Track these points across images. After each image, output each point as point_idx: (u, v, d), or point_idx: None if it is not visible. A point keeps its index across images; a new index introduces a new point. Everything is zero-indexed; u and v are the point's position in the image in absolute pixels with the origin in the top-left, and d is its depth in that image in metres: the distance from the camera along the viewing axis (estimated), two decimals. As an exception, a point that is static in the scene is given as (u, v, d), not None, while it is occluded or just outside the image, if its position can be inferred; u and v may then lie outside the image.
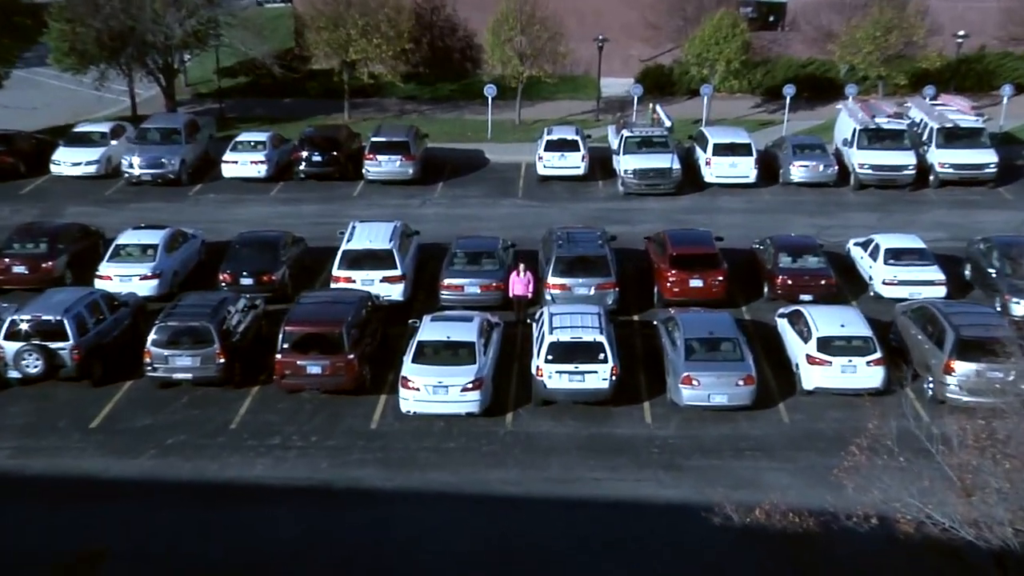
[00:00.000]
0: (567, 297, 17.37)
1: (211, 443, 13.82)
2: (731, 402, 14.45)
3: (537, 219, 22.38)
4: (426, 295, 18.56)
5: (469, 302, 17.67)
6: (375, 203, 23.44)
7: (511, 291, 17.62)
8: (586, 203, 23.56)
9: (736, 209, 22.76)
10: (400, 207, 23.06)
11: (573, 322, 15.14)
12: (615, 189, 24.12)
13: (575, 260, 17.70)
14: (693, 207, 22.99)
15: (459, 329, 15.11)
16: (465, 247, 18.61)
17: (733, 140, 23.90)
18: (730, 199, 23.37)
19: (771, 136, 26.40)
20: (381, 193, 24.09)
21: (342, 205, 23.16)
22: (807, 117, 28.91)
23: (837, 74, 29.06)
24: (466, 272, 17.96)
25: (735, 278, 18.61)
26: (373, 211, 22.59)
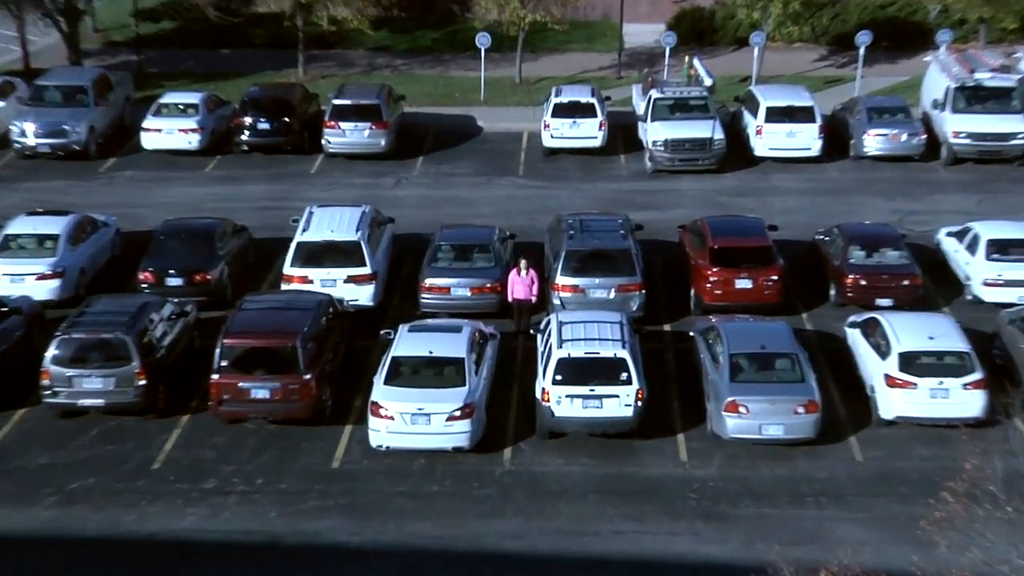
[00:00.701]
0: (580, 302, 17.45)
1: (127, 488, 13.59)
2: (789, 435, 14.35)
3: (542, 203, 22.47)
4: (403, 299, 18.67)
5: (457, 308, 17.71)
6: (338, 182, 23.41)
7: (510, 294, 17.74)
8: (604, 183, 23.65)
9: (794, 190, 22.80)
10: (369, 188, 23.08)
11: (588, 333, 15.17)
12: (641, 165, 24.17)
13: (590, 255, 17.81)
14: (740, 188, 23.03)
15: (444, 342, 15.14)
16: (452, 239, 18.69)
17: (791, 103, 23.76)
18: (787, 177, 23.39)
19: (840, 97, 25.98)
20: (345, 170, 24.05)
21: (296, 185, 23.22)
22: (886, 72, 28.34)
23: (925, 17, 27.93)
24: (453, 270, 18.04)
25: (793, 277, 18.67)
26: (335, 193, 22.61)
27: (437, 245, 18.58)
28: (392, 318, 17.83)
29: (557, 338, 15.12)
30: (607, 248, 17.97)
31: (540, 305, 17.96)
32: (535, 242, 20.24)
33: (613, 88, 27.54)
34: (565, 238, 18.24)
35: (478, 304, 17.88)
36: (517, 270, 17.70)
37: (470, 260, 18.31)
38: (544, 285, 18.24)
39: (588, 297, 17.54)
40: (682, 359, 16.72)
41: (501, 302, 17.93)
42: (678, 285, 18.94)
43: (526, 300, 17.68)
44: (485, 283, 17.91)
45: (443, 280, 17.95)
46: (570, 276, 17.69)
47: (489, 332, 16.48)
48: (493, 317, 17.75)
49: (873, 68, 27.93)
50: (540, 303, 17.95)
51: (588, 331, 15.25)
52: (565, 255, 17.83)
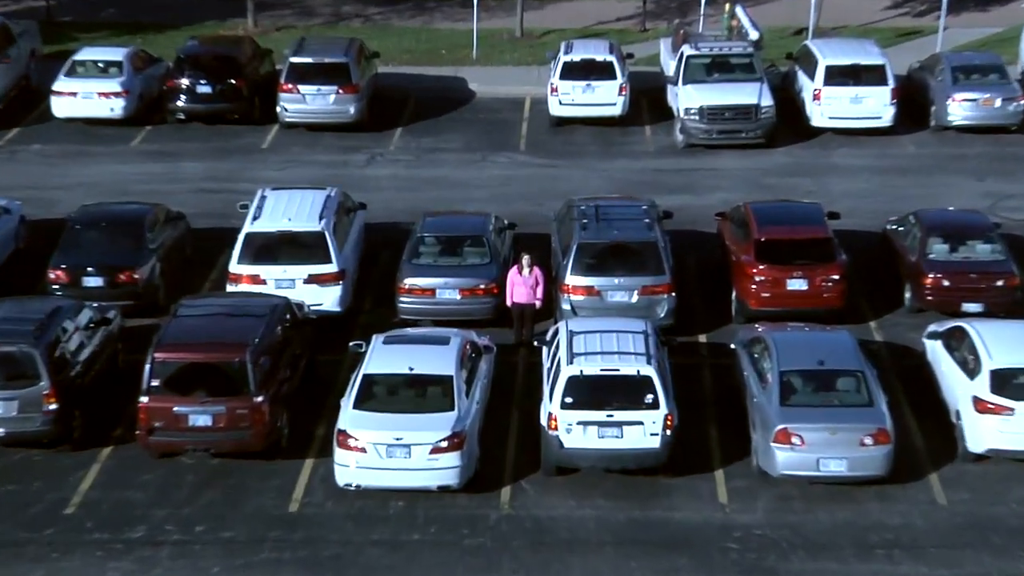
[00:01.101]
0: (596, 307, 17.56)
1: (34, 538, 13.32)
2: (853, 471, 14.17)
3: (549, 186, 22.64)
4: (377, 303, 18.88)
5: (444, 314, 17.92)
6: (297, 160, 23.61)
7: (509, 297, 17.87)
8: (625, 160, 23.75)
9: (861, 168, 22.78)
10: (336, 167, 23.27)
11: (606, 345, 15.27)
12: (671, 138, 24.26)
13: (608, 249, 17.96)
14: (793, 166, 23.17)
15: (428, 357, 15.26)
16: (437, 229, 18.90)
17: (856, 60, 23.74)
18: (851, 153, 23.37)
19: (918, 54, 25.93)
20: (306, 144, 24.20)
21: (245, 162, 23.35)
22: (976, 23, 28.18)
23: (1023, -47, 30.44)
24: (439, 268, 18.23)
25: (859, 277, 18.70)
26: (293, 173, 22.83)
27: (419, 237, 18.71)
28: (364, 327, 17.97)
29: (567, 352, 15.15)
30: (629, 240, 18.05)
31: (546, 311, 18.05)
32: (540, 233, 20.29)
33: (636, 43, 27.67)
34: (577, 228, 18.33)
35: (470, 309, 17.99)
36: (518, 268, 17.76)
37: (460, 255, 18.41)
38: (551, 286, 18.29)
39: (605, 301, 17.62)
40: (721, 377, 16.76)
41: (498, 307, 18.01)
42: (716, 286, 18.99)
43: (529, 305, 17.79)
44: (478, 284, 18.01)
45: (426, 280, 18.04)
46: (583, 275, 17.75)
47: (483, 344, 16.58)
48: (488, 325, 17.82)
49: (959, 17, 27.80)
50: (546, 308, 18.05)
51: (605, 343, 15.30)
52: (577, 249, 17.91)
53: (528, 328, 17.94)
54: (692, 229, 20.73)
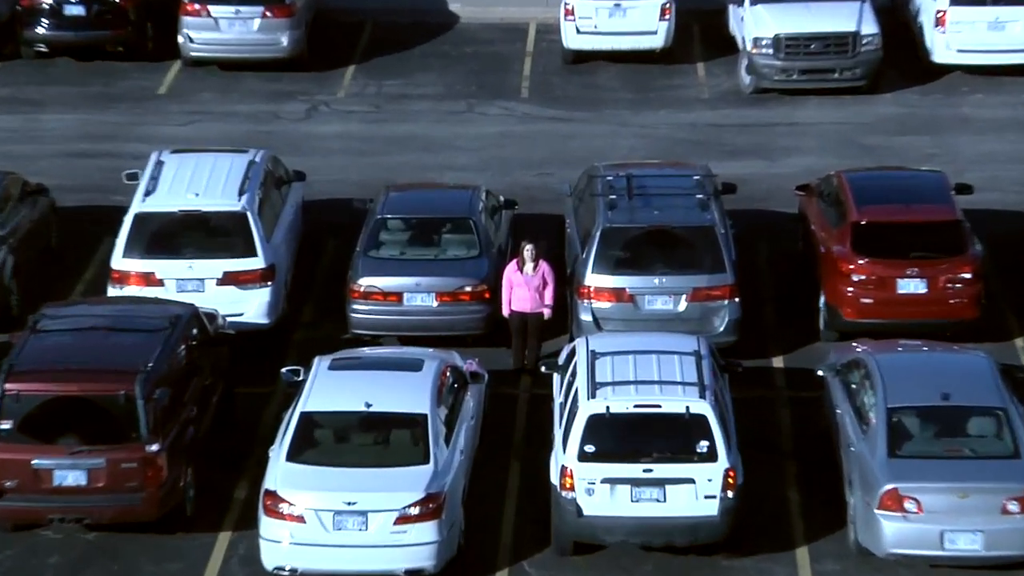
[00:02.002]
0: (628, 318, 17.91)
1: None
2: (993, 549, 13.95)
3: (563, 147, 23.00)
4: (320, 313, 19.26)
5: (414, 328, 18.30)
6: (206, 111, 23.89)
7: (506, 305, 18.08)
8: (670, 111, 24.04)
9: (1002, 123, 23.03)
10: (263, 120, 23.61)
11: (641, 372, 15.42)
12: (734, 80, 24.66)
13: (645, 237, 18.27)
14: (906, 119, 23.41)
15: (392, 388, 15.44)
16: (406, 209, 19.27)
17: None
18: (989, 101, 23.69)
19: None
20: (220, 88, 24.52)
21: (133, 114, 23.60)
22: None
23: None
24: (407, 263, 18.58)
25: (1001, 276, 18.89)
26: (203, 129, 23.05)
27: (380, 220, 18.96)
28: (302, 346, 18.18)
29: (587, 381, 15.23)
30: (675, 225, 18.24)
31: (557, 323, 18.27)
32: (549, 214, 20.48)
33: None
34: (601, 208, 18.54)
35: (451, 321, 18.22)
36: (518, 263, 17.92)
37: (437, 246, 18.70)
38: (564, 289, 18.54)
39: (641, 310, 17.88)
40: (805, 417, 16.92)
41: (491, 318, 18.27)
42: (797, 288, 19.22)
43: (534, 314, 17.93)
44: (462, 285, 18.24)
45: (390, 280, 18.25)
46: (610, 273, 17.98)
47: (470, 370, 16.73)
48: (478, 344, 18.04)
49: None
50: (557, 320, 18.26)
51: (641, 368, 15.42)
52: (602, 237, 18.14)
53: (533, 347, 18.03)
54: (763, 208, 20.82)
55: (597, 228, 18.23)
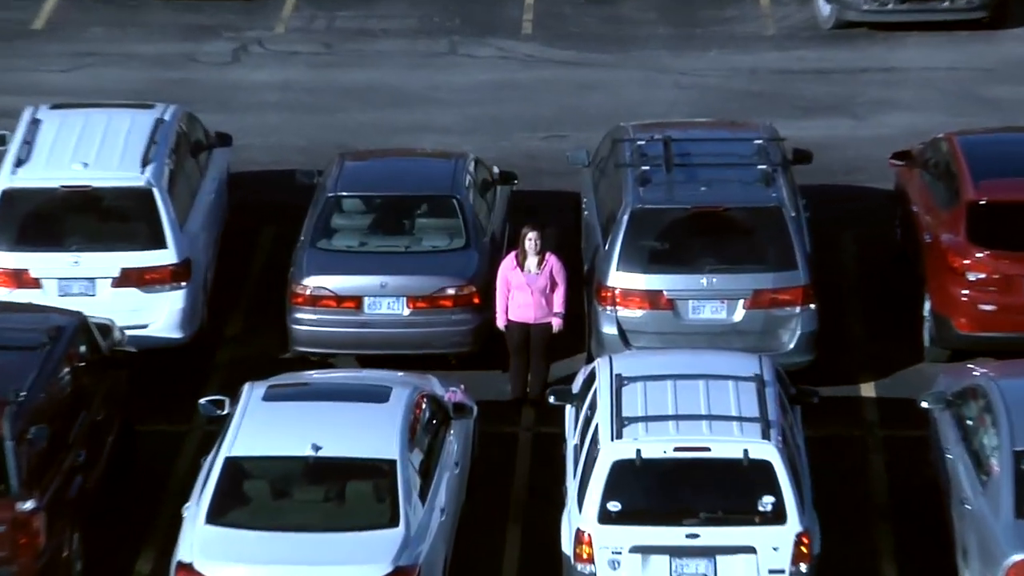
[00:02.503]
0: (666, 330, 18.34)
1: None
2: None
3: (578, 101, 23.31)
4: (252, 325, 19.61)
5: (378, 345, 18.76)
6: (98, 52, 24.30)
7: (502, 313, 18.42)
8: (722, 53, 24.58)
9: None
10: (172, 64, 24.07)
11: (684, 403, 15.54)
12: (808, 11, 25.18)
13: (688, 222, 18.65)
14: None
15: (349, 425, 15.62)
16: (367, 184, 19.74)
17: None
18: None
19: None
20: (116, 22, 25.00)
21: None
22: None
23: None
24: (369, 257, 19.01)
25: None
26: (92, 78, 23.54)
27: (332, 199, 19.34)
28: (228, 370, 18.51)
29: (611, 415, 15.30)
30: (728, 205, 18.58)
31: (571, 337, 18.57)
32: (560, 191, 20.82)
33: None
34: (630, 182, 18.88)
35: (428, 335, 18.63)
36: (517, 256, 18.21)
37: (408, 234, 19.15)
38: (581, 291, 18.92)
39: (683, 319, 18.28)
40: (902, 463, 17.04)
41: (482, 330, 18.62)
42: (894, 291, 19.55)
43: (539, 325, 18.21)
44: (443, 286, 18.62)
45: (345, 280, 18.65)
46: (642, 270, 18.30)
47: (453, 401, 16.82)
48: (464, 366, 18.42)
49: None
50: (571, 332, 18.53)
51: (683, 398, 15.54)
52: (631, 222, 18.45)
53: (538, 371, 18.29)
54: (848, 183, 21.04)
55: (625, 210, 18.35)
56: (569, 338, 18.55)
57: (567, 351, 18.67)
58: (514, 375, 18.37)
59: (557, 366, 18.44)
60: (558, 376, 18.13)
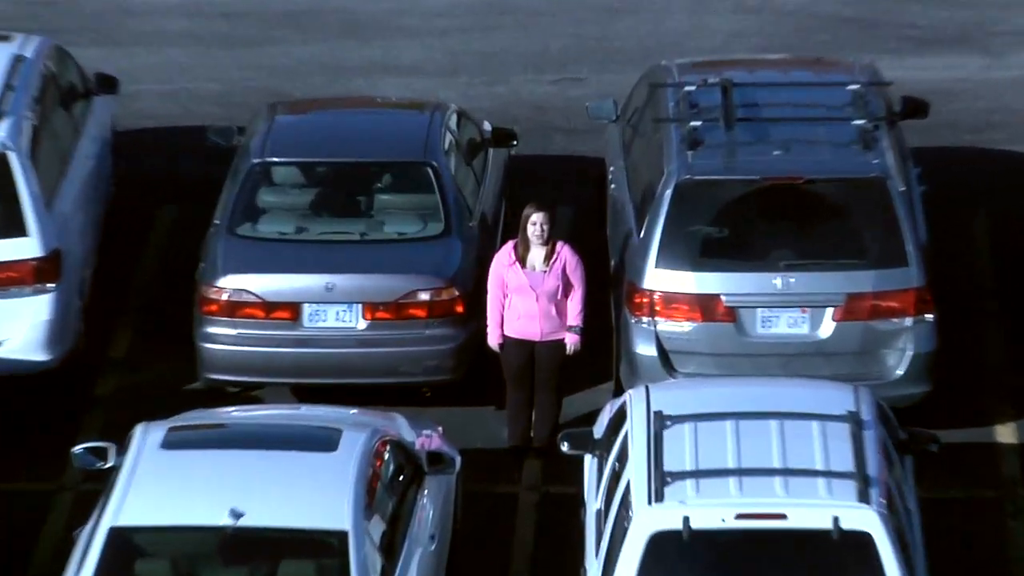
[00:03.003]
0: (722, 348, 18.64)
1: None
2: None
3: (599, 29, 24.25)
4: (147, 342, 19.95)
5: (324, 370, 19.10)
6: None
7: (494, 326, 18.66)
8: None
9: None
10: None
11: (750, 452, 15.37)
12: None
13: (756, 199, 18.89)
14: None
15: (282, 482, 15.57)
16: (305, 146, 20.28)
17: None
18: None
19: None
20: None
21: None
22: None
23: None
24: (308, 250, 19.45)
25: None
26: None
27: (259, 168, 19.70)
28: (113, 405, 18.75)
29: (647, 469, 15.12)
30: (811, 175, 18.66)
31: (589, 358, 18.78)
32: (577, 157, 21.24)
33: None
34: (675, 143, 19.05)
35: (392, 357, 18.87)
36: (516, 247, 18.36)
37: (364, 215, 19.58)
38: (608, 296, 19.21)
39: (749, 334, 18.53)
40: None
41: (466, 350, 18.91)
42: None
43: (549, 343, 18.38)
44: (412, 289, 18.86)
45: (276, 281, 18.92)
46: (690, 266, 18.46)
47: (428, 449, 16.72)
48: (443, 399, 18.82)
49: None
50: (591, 352, 18.73)
51: (749, 445, 15.33)
52: (676, 198, 18.53)
53: (546, 407, 18.41)
54: (980, 144, 21.56)
55: (668, 183, 18.42)
56: (589, 361, 18.66)
57: (586, 379, 18.90)
58: (513, 413, 18.36)
59: (572, 401, 18.57)
60: (574, 415, 18.30)
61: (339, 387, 18.44)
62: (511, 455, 18.40)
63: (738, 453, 15.27)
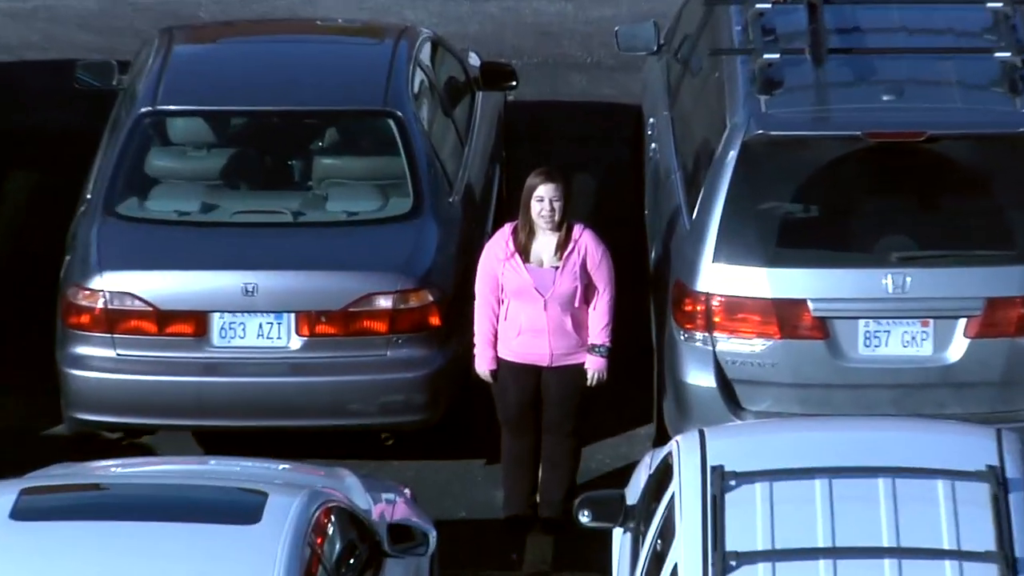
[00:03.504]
0: (809, 373, 18.80)
1: None
2: None
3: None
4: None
5: (240, 411, 19.32)
6: None
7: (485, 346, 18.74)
8: None
9: None
10: None
11: (848, 524, 15.16)
12: None
13: (858, 164, 19.17)
14: None
15: (178, 569, 15.44)
16: (211, 91, 20.58)
17: None
18: None
19: None
20: None
21: None
22: None
23: None
24: (216, 240, 19.73)
25: None
26: None
27: (147, 118, 19.91)
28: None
29: (702, 547, 14.91)
30: (932, 129, 18.62)
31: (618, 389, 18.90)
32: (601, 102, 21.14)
33: None
34: (742, 85, 19.14)
35: (337, 389, 18.96)
36: (515, 232, 18.35)
37: (298, 187, 19.83)
38: (647, 301, 19.25)
39: (846, 358, 18.62)
40: None
41: (443, 378, 19.03)
42: None
43: (563, 368, 18.42)
44: (369, 292, 19.00)
45: (172, 281, 19.05)
46: (761, 260, 18.54)
47: (389, 517, 16.86)
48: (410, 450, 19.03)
49: None
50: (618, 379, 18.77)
51: (846, 515, 14.99)
52: (740, 161, 18.53)
53: (557, 460, 18.47)
54: None
55: (732, 140, 18.42)
56: (619, 396, 18.76)
57: (616, 422, 18.96)
58: (511, 470, 18.38)
59: (595, 452, 18.61)
60: (597, 472, 18.43)
61: (264, 432, 18.20)
62: (508, 528, 18.33)
63: (831, 526, 15.03)
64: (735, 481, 15.49)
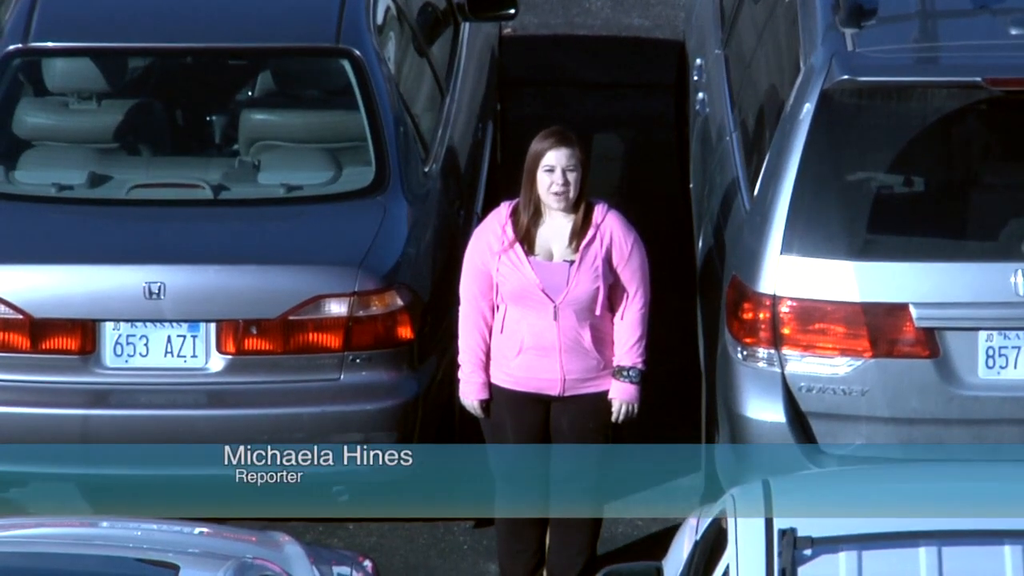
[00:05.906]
0: (911, 404, 17.94)
1: None
2: None
3: None
4: None
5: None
6: None
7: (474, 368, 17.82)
8: None
9: None
10: None
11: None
12: None
13: (972, 124, 18.98)
14: None
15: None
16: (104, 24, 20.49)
17: None
18: None
19: None
20: None
21: None
22: None
23: None
24: (108, 224, 19.36)
25: None
26: None
27: (15, 57, 19.52)
28: None
29: None
30: None
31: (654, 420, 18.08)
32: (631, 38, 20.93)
33: None
34: (820, 17, 18.44)
35: (275, 424, 17.79)
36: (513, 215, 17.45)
37: (222, 154, 19.08)
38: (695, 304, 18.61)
39: (959, 383, 17.72)
40: None
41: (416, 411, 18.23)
42: None
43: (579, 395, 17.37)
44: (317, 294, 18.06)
45: (51, 278, 18.50)
46: (844, 252, 17.55)
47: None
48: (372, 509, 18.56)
49: None
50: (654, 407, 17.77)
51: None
52: (819, 118, 17.63)
53: (571, 520, 17.26)
54: None
55: (808, 88, 17.16)
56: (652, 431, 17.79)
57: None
58: (509, 534, 17.07)
59: (621, 509, 17.24)
60: (624, 538, 17.48)
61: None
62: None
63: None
64: (811, 550, 14.10)
